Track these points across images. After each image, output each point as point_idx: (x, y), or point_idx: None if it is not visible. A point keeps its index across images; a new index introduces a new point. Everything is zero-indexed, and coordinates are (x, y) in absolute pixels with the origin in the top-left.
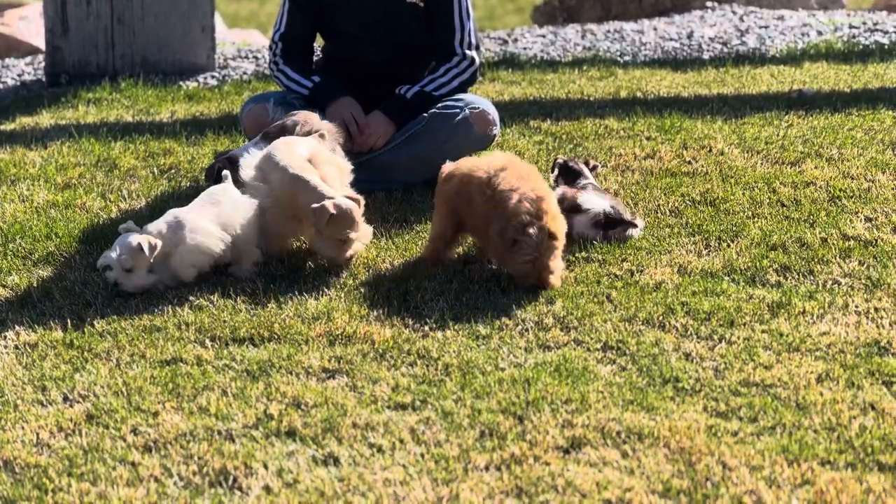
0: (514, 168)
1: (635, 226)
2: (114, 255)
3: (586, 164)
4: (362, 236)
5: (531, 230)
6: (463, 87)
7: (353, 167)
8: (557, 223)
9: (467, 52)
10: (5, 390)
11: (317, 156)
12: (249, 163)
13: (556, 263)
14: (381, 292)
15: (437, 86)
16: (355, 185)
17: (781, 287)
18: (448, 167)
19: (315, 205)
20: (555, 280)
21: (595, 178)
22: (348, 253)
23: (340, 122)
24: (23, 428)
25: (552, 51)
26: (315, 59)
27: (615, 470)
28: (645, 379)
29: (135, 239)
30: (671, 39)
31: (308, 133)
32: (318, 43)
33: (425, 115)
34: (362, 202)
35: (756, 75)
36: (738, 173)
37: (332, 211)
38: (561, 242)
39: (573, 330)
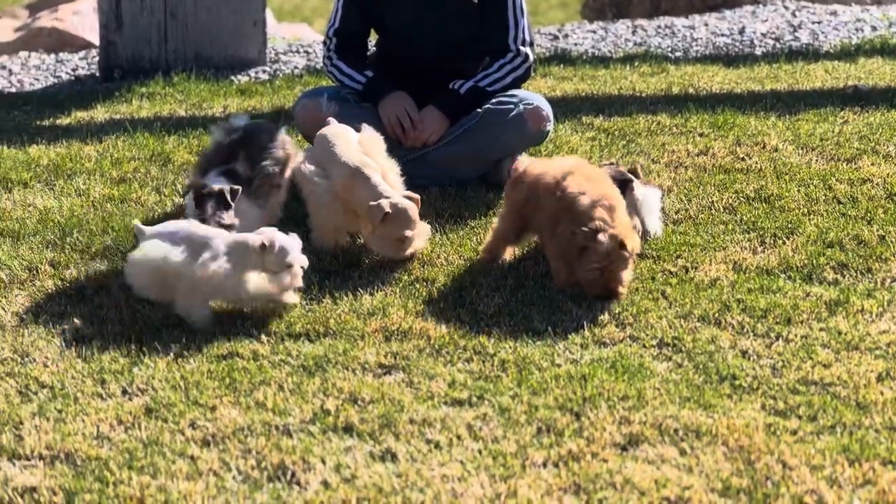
0: (583, 172)
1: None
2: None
3: (632, 172)
4: (420, 235)
5: (602, 237)
6: (516, 84)
7: (406, 163)
8: (629, 233)
9: (521, 48)
10: (65, 383)
11: (371, 147)
12: (309, 155)
13: (626, 275)
14: (437, 288)
15: (490, 81)
16: (408, 181)
17: (839, 285)
18: (518, 167)
19: (372, 203)
20: (623, 291)
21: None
22: (407, 252)
23: (394, 118)
24: (83, 421)
25: (603, 46)
26: (369, 54)
27: (673, 468)
28: (701, 376)
29: (255, 240)
30: (722, 35)
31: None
32: (373, 38)
33: (479, 111)
34: (419, 201)
35: (810, 71)
36: (793, 170)
37: (388, 209)
38: (632, 253)
39: (629, 326)
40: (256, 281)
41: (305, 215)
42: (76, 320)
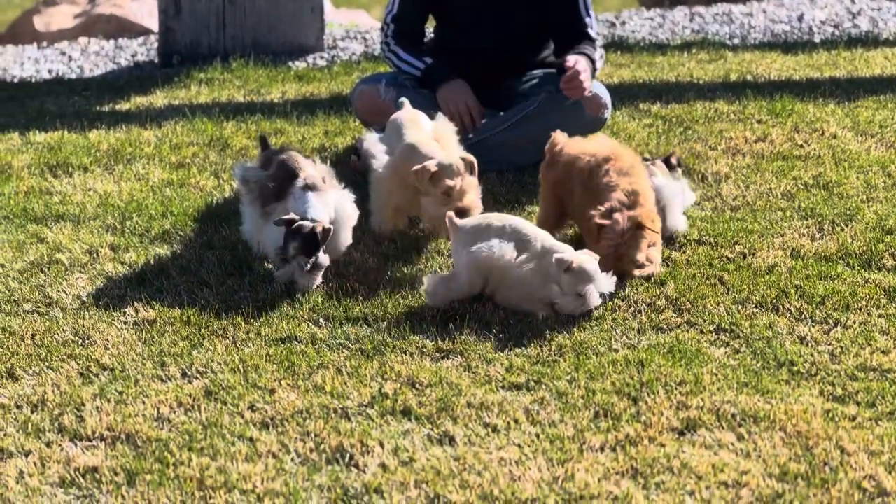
0: (618, 159)
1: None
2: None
3: (667, 161)
4: (470, 187)
5: (618, 216)
6: (596, 73)
7: (464, 148)
8: (649, 216)
9: (597, 38)
10: (126, 365)
11: (443, 134)
12: (377, 138)
13: (648, 255)
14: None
15: (597, 56)
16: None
17: None
18: (555, 146)
19: (417, 166)
20: (650, 271)
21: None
22: (459, 204)
23: (454, 108)
24: (143, 402)
25: (660, 33)
26: (425, 41)
27: (731, 453)
28: (759, 362)
29: (564, 259)
30: (781, 22)
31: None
32: (430, 24)
33: (537, 97)
34: (473, 162)
35: (869, 58)
36: (852, 157)
37: (433, 168)
38: (651, 235)
39: (686, 312)
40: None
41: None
42: (136, 303)
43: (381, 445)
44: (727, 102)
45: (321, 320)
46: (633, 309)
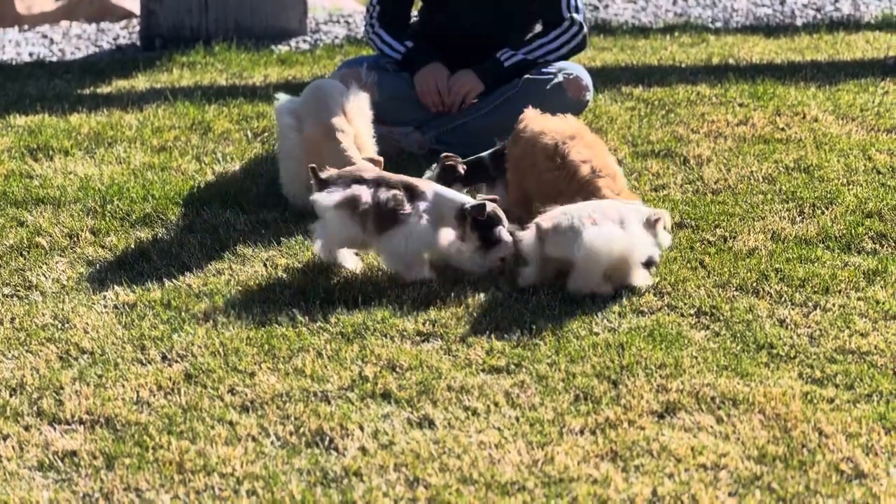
0: (582, 136)
1: None
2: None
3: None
4: None
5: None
6: (573, 54)
7: (446, 132)
8: (632, 199)
9: (575, 16)
10: (106, 349)
11: (352, 110)
12: (291, 105)
13: None
14: None
15: (545, 52)
16: (449, 150)
17: (877, 255)
18: (521, 122)
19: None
20: None
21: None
22: None
23: (426, 88)
24: (123, 386)
25: (643, 17)
26: (411, 22)
27: (710, 435)
28: (739, 345)
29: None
30: (763, 5)
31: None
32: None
33: (519, 80)
34: (381, 164)
35: (850, 42)
36: (833, 140)
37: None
38: None
39: (667, 295)
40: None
41: None
42: (116, 287)
43: (361, 429)
44: (709, 86)
45: (301, 303)
46: (613, 293)
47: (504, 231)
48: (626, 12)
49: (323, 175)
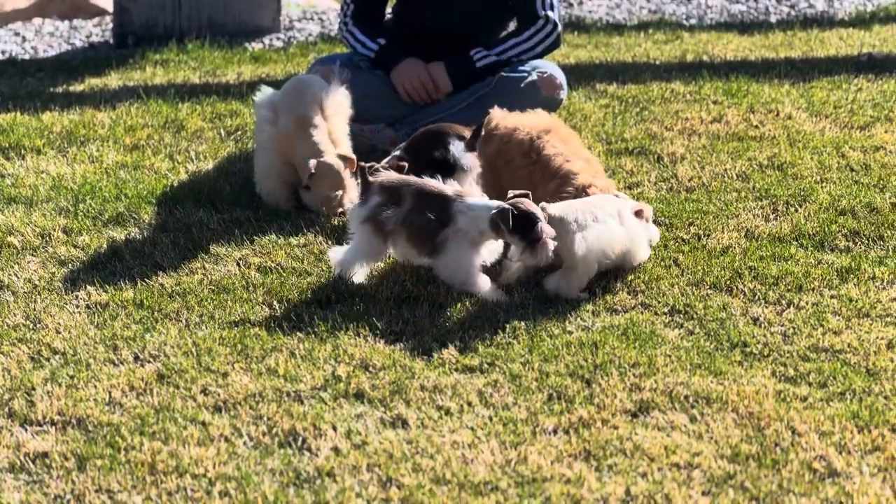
0: (556, 130)
1: None
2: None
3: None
4: (345, 187)
5: (593, 192)
6: (547, 52)
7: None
8: (613, 188)
9: (549, 14)
10: (78, 349)
11: (330, 106)
12: (269, 99)
13: None
14: None
15: (519, 51)
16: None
17: (851, 252)
18: (491, 121)
19: (303, 160)
20: None
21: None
22: (335, 210)
23: (409, 85)
24: (95, 387)
25: (618, 14)
26: (386, 19)
27: (683, 434)
28: (713, 343)
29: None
30: (737, 2)
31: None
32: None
33: (493, 78)
34: (354, 162)
35: (824, 38)
36: (807, 138)
37: (312, 169)
38: None
39: (640, 294)
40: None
41: None
42: (89, 287)
43: (334, 429)
44: (683, 83)
45: (275, 303)
46: (587, 291)
47: (545, 224)
48: (601, 9)
49: (369, 177)
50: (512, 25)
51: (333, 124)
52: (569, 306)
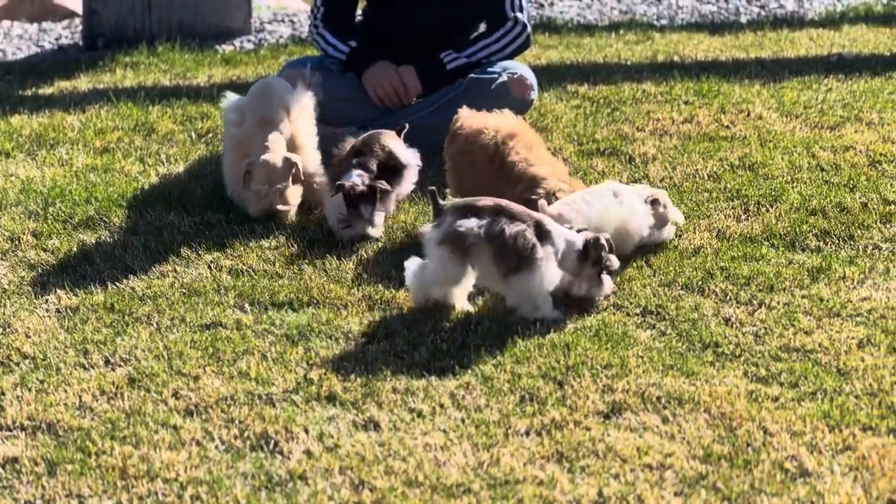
0: (522, 134)
1: None
2: None
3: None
4: (292, 195)
5: (560, 195)
6: (517, 54)
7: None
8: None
9: (518, 15)
10: (48, 354)
11: (295, 109)
12: (238, 102)
13: None
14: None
15: (489, 52)
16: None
17: (821, 252)
18: (457, 121)
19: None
20: None
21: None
22: (273, 207)
23: (381, 89)
24: (66, 391)
25: (589, 14)
26: (356, 22)
27: (655, 435)
28: (685, 344)
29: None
30: (708, 3)
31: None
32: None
33: (463, 80)
34: (297, 166)
35: (794, 39)
36: (777, 138)
37: (246, 168)
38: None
39: (612, 295)
40: None
41: None
42: (59, 291)
43: (306, 431)
44: (654, 83)
45: (246, 306)
46: (559, 292)
47: (613, 258)
48: (572, 10)
49: (440, 202)
50: (482, 27)
51: (298, 127)
52: None
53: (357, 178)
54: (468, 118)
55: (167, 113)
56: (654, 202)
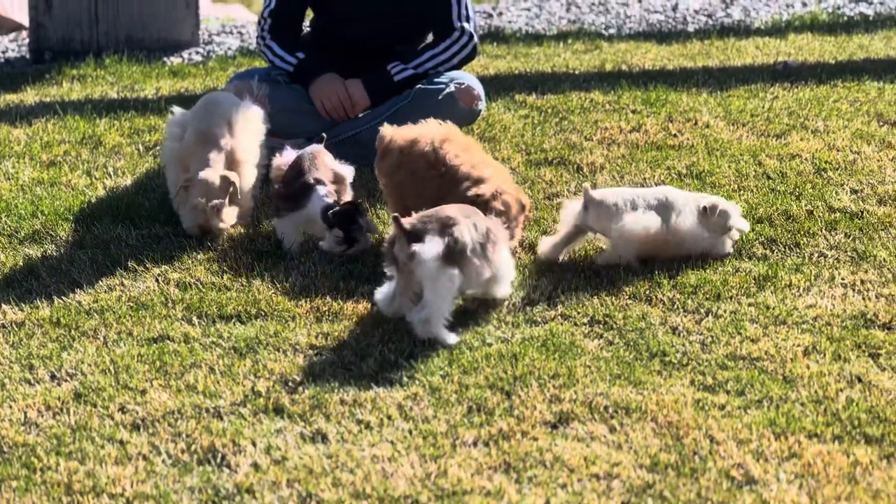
0: (455, 138)
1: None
2: None
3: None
4: (227, 212)
5: (506, 198)
6: (464, 64)
7: (338, 143)
8: (522, 194)
9: (465, 25)
10: None
11: (239, 123)
12: (182, 116)
13: (519, 234)
14: (368, 268)
15: (436, 63)
16: (342, 161)
17: (768, 260)
18: (384, 138)
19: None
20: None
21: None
22: (210, 223)
23: (328, 102)
24: (10, 407)
25: (537, 24)
26: (303, 34)
27: (603, 444)
28: (632, 353)
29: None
30: (656, 12)
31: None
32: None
33: (410, 91)
34: (234, 182)
35: (741, 47)
36: (724, 146)
37: (183, 183)
38: (528, 213)
39: (560, 304)
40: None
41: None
42: (4, 305)
43: (254, 444)
44: (602, 93)
45: (194, 319)
46: (507, 302)
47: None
48: (520, 19)
49: (407, 225)
50: (429, 38)
51: (239, 142)
52: (488, 318)
53: (330, 198)
54: (395, 133)
55: (115, 126)
56: (708, 210)
